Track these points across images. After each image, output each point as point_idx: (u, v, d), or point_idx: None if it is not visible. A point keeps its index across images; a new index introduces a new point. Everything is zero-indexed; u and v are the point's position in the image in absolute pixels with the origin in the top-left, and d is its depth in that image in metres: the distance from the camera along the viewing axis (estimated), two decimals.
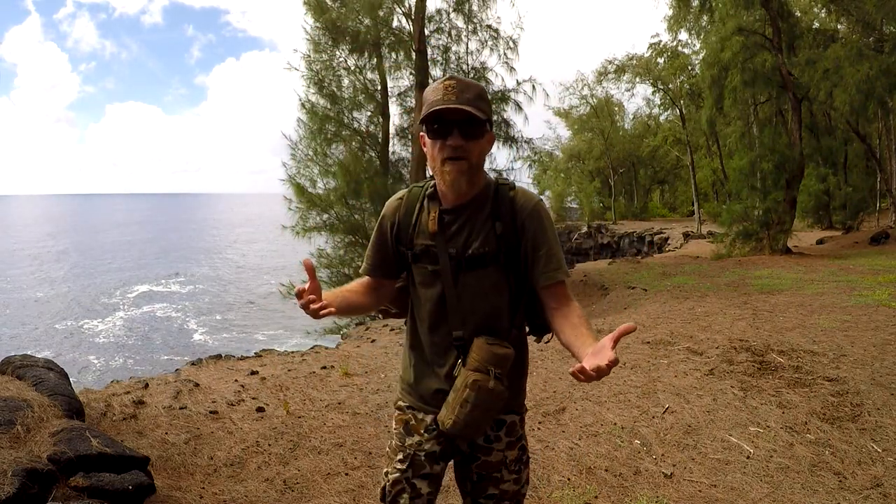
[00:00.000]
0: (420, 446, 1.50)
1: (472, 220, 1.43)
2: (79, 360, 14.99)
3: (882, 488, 2.54)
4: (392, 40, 11.05)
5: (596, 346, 1.22)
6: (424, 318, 1.50)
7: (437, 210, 1.44)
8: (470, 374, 1.37)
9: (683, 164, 31.80)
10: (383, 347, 6.14)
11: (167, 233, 62.03)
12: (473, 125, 1.35)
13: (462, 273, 1.42)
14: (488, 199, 1.45)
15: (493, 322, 1.44)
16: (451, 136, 1.34)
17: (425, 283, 1.48)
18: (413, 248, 1.47)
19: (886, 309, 5.99)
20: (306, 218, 11.07)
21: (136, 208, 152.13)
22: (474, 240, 1.42)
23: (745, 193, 14.05)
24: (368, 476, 2.98)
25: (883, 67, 11.77)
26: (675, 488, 2.68)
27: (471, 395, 1.35)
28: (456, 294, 1.43)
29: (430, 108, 1.35)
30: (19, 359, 3.69)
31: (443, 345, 1.47)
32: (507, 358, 1.39)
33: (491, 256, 1.42)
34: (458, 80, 1.36)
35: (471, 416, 1.36)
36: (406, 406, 1.56)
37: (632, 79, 29.16)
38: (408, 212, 1.49)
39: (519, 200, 1.44)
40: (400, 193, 1.55)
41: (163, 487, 2.71)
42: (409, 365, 1.57)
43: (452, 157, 1.35)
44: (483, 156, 1.42)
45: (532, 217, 1.43)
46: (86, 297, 23.94)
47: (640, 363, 4.58)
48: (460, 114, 1.33)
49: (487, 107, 1.39)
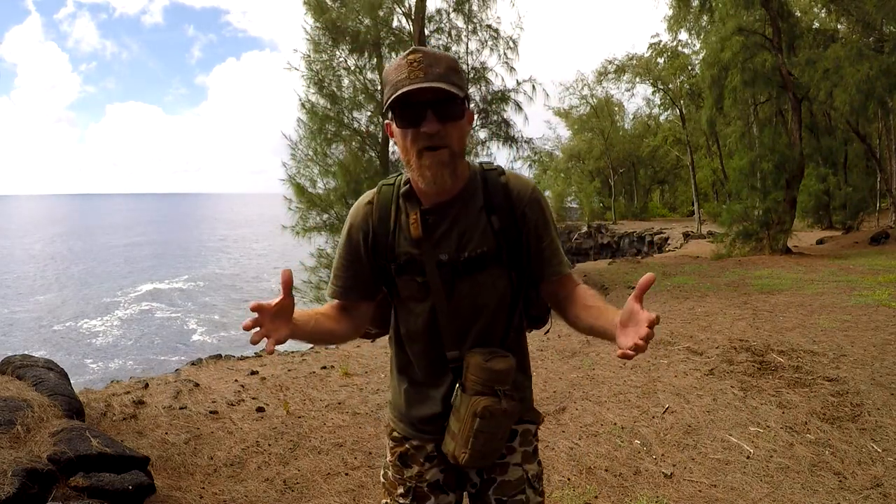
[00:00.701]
0: (421, 477, 1.33)
1: (462, 217, 1.23)
2: (84, 358, 15.01)
3: (882, 488, 2.54)
4: (392, 40, 11.05)
5: (623, 315, 1.06)
6: (415, 337, 1.30)
7: (418, 211, 1.23)
8: (475, 401, 1.19)
9: (683, 164, 31.79)
10: (383, 347, 6.14)
11: (174, 233, 61.97)
12: (450, 104, 1.13)
13: (458, 281, 1.24)
14: (477, 190, 1.25)
15: (491, 329, 1.28)
16: (426, 122, 1.12)
17: (414, 297, 1.27)
18: (396, 260, 1.26)
19: (886, 309, 5.99)
20: (306, 218, 11.07)
21: (138, 208, 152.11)
22: (469, 240, 1.23)
23: (745, 193, 14.06)
24: (368, 476, 2.98)
25: (883, 67, 11.77)
26: (675, 488, 2.68)
27: (483, 424, 1.18)
28: (449, 307, 1.24)
29: (394, 91, 1.12)
30: (19, 359, 3.69)
31: (437, 365, 1.29)
32: (509, 371, 1.22)
33: (491, 256, 1.24)
34: (423, 53, 1.13)
35: (488, 446, 1.21)
36: (401, 437, 1.36)
37: (632, 79, 29.16)
38: (382, 216, 1.27)
39: (514, 187, 1.26)
40: (368, 195, 1.31)
41: (163, 487, 2.71)
42: (398, 390, 1.38)
43: (430, 146, 1.13)
44: (464, 140, 1.21)
45: (532, 205, 1.26)
46: (96, 296, 23.99)
47: (640, 363, 4.58)
48: (433, 93, 1.11)
49: (462, 80, 1.17)
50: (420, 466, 1.33)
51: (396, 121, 1.17)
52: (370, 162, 11.09)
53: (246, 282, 28.44)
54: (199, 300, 23.69)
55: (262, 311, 1.07)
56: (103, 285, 26.84)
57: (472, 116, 1.25)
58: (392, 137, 1.22)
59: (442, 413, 1.29)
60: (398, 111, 1.15)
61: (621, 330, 1.06)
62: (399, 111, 1.15)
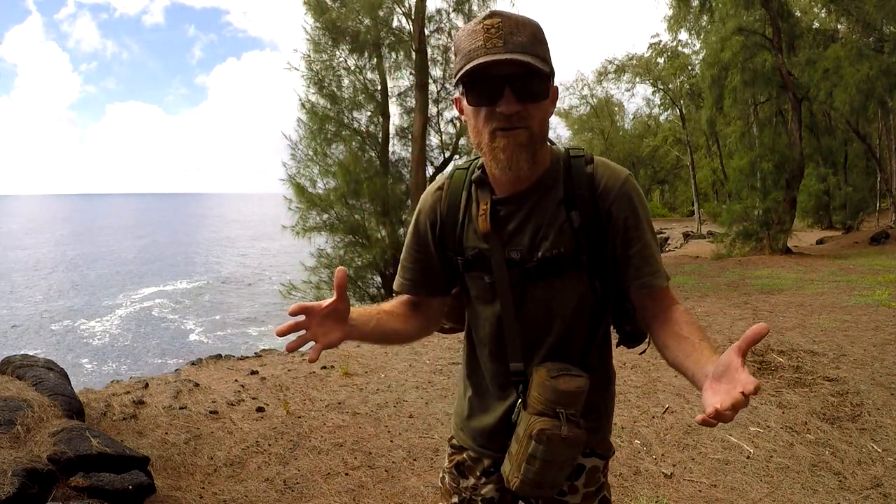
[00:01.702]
0: (476, 491, 1.24)
1: (537, 210, 1.08)
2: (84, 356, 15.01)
3: (882, 488, 2.54)
4: (392, 40, 11.05)
5: (718, 366, 0.91)
6: (484, 342, 1.17)
7: (489, 201, 1.09)
8: (534, 421, 1.05)
9: (683, 164, 31.81)
10: (383, 347, 6.13)
11: (178, 234, 61.78)
12: (533, 80, 0.98)
13: (530, 285, 1.09)
14: (558, 180, 1.08)
15: (569, 345, 1.12)
16: (503, 100, 0.97)
17: (482, 297, 1.15)
18: (464, 254, 1.13)
19: (886, 309, 5.99)
20: (306, 218, 11.06)
21: (140, 209, 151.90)
22: (543, 238, 1.08)
23: (745, 193, 14.07)
24: (368, 476, 2.98)
25: (883, 67, 11.79)
26: (675, 488, 2.68)
27: (537, 449, 1.04)
28: (517, 312, 1.10)
29: (467, 61, 0.97)
30: (19, 359, 3.69)
31: (503, 377, 1.16)
32: (578, 392, 1.06)
33: (568, 259, 1.07)
34: (504, 17, 0.97)
35: (542, 475, 1.05)
36: (459, 446, 1.27)
37: (632, 79, 29.21)
38: (452, 204, 1.14)
39: (601, 178, 1.07)
40: (439, 181, 1.20)
41: (163, 487, 2.71)
42: (463, 395, 1.27)
43: (506, 126, 0.99)
44: (547, 122, 1.05)
45: (621, 201, 1.07)
46: (103, 295, 23.98)
47: (640, 363, 4.58)
48: (513, 66, 0.96)
49: (547, 52, 1.01)
50: (476, 479, 1.24)
51: (468, 97, 1.02)
52: (370, 162, 11.09)
53: (247, 281, 28.44)
54: (200, 300, 23.68)
55: (308, 312, 1.00)
56: (123, 288, 26.71)
57: (557, 95, 1.08)
58: (462, 115, 1.08)
59: (503, 429, 1.16)
60: (470, 86, 1.00)
61: (712, 384, 0.90)
62: (471, 86, 1.00)
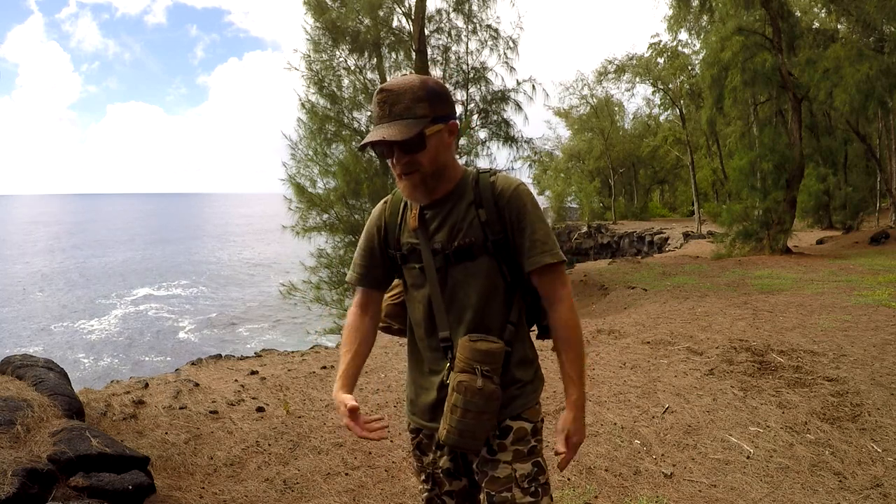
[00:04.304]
0: (435, 465, 1.46)
1: (454, 211, 1.38)
2: (84, 356, 15.00)
3: (882, 488, 2.54)
4: (392, 40, 11.05)
5: (560, 422, 1.38)
6: (419, 322, 1.44)
7: (419, 207, 1.41)
8: (455, 376, 1.30)
9: (683, 164, 31.78)
10: (383, 347, 6.13)
11: (178, 234, 61.70)
12: (411, 139, 1.27)
13: (450, 267, 1.37)
14: (468, 188, 1.39)
15: (486, 319, 1.36)
16: (395, 156, 1.30)
17: (415, 284, 1.43)
18: (400, 249, 1.44)
19: (886, 309, 5.99)
20: (306, 218, 11.05)
21: (141, 209, 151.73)
22: (458, 230, 1.36)
23: (745, 193, 14.07)
24: (368, 476, 2.98)
25: (883, 67, 11.79)
26: (675, 488, 2.68)
27: (458, 399, 1.28)
28: (443, 292, 1.37)
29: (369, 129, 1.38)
30: (19, 359, 3.69)
31: (436, 350, 1.40)
32: (493, 353, 1.30)
33: (478, 246, 1.35)
34: (388, 92, 1.28)
35: (463, 423, 1.28)
36: (415, 428, 1.50)
37: (632, 79, 29.15)
38: (393, 212, 1.47)
39: (499, 185, 1.38)
40: (386, 197, 1.53)
41: (163, 487, 2.71)
42: (409, 380, 1.51)
43: (403, 172, 1.32)
44: (440, 155, 1.33)
45: (512, 200, 1.35)
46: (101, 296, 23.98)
47: (640, 363, 4.58)
48: (395, 134, 1.27)
49: (428, 104, 1.28)
50: (433, 454, 1.46)
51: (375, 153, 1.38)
52: (370, 162, 11.09)
53: (247, 281, 28.43)
54: (201, 299, 23.67)
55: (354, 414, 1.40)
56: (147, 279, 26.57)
57: (454, 127, 1.36)
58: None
59: (441, 399, 1.37)
60: (373, 148, 1.33)
61: (559, 434, 1.39)
62: (373, 148, 1.33)
